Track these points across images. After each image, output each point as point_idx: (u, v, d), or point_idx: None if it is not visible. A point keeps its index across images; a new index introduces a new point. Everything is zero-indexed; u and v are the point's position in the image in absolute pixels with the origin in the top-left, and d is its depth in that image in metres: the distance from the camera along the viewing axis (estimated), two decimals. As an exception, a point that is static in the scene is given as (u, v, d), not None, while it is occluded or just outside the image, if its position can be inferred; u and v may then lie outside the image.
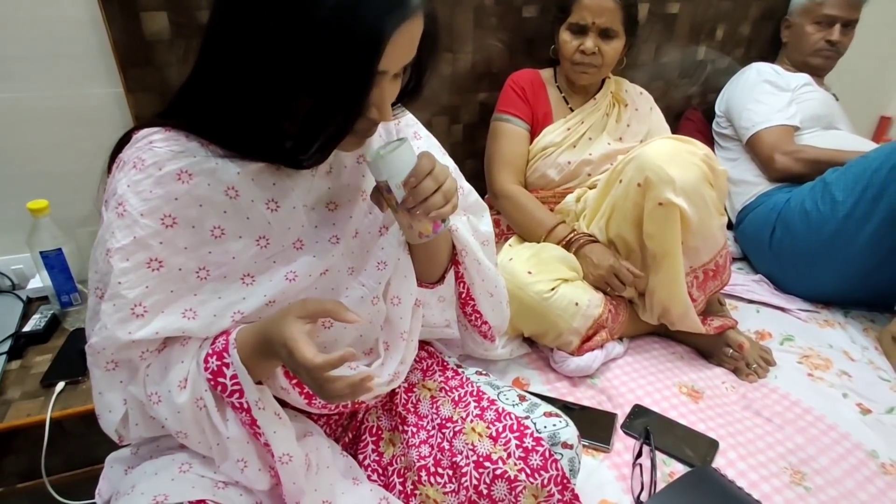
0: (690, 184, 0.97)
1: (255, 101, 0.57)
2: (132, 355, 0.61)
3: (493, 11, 1.35)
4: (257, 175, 0.62)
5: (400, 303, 0.74)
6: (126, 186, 0.57)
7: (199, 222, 0.61)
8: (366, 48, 0.52)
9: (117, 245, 0.57)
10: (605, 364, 1.10)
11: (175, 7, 1.11)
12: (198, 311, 0.61)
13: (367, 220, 0.73)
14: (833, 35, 1.52)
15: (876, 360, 1.16)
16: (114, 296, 0.57)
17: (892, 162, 1.16)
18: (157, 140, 0.59)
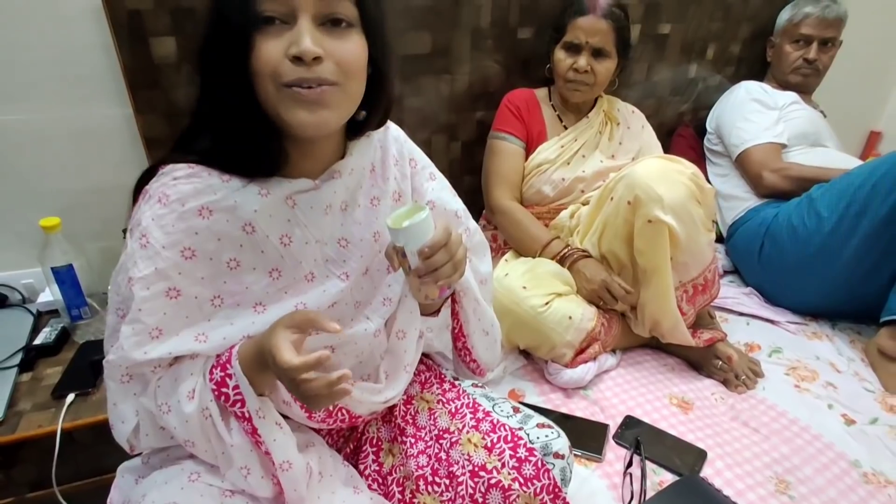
0: (678, 202, 1.01)
1: (229, 112, 0.60)
2: (145, 370, 0.65)
3: (489, 34, 1.40)
4: (274, 211, 0.66)
5: (405, 337, 0.78)
6: (150, 219, 0.61)
7: (216, 255, 0.65)
8: None
9: (139, 275, 0.61)
10: (598, 376, 1.13)
11: (182, 32, 1.15)
12: (209, 335, 0.65)
13: (378, 259, 0.76)
14: (810, 53, 1.57)
15: (861, 371, 1.19)
16: (133, 321, 0.61)
17: (873, 180, 1.20)
18: (182, 177, 0.63)
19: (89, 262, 1.22)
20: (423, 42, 1.34)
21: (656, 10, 1.54)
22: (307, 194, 0.68)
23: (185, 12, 1.14)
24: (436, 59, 1.37)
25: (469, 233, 0.87)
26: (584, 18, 1.22)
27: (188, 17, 1.14)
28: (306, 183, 0.68)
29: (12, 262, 1.28)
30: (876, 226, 1.19)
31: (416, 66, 1.36)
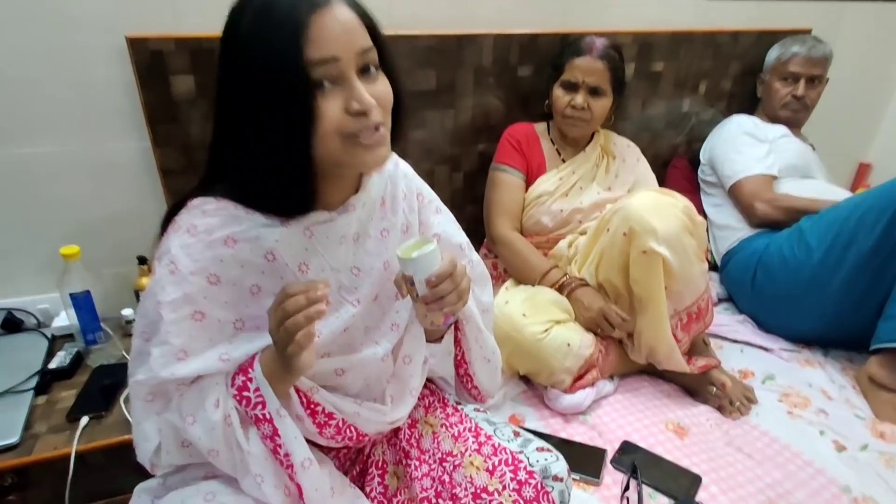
0: (672, 234, 1.06)
1: (251, 148, 0.63)
2: (169, 387, 0.69)
3: (491, 71, 1.47)
4: (293, 241, 0.71)
5: (411, 362, 0.82)
6: (179, 248, 0.66)
7: (239, 281, 0.69)
8: (288, 43, 0.57)
9: (168, 299, 0.65)
10: (596, 401, 1.17)
11: (201, 71, 1.22)
12: (231, 356, 0.69)
13: (387, 286, 0.81)
14: (798, 90, 1.64)
15: (853, 398, 1.22)
16: (162, 342, 0.66)
17: (859, 213, 1.25)
18: (210, 209, 0.68)
19: (104, 288, 1.27)
20: (428, 79, 1.41)
21: (649, 50, 1.61)
22: (324, 225, 0.73)
23: (205, 52, 1.20)
24: (440, 95, 1.44)
25: (472, 264, 0.92)
26: (580, 59, 1.29)
27: (207, 56, 1.21)
28: (324, 215, 0.73)
29: (30, 288, 1.32)
30: (863, 257, 1.24)
31: (422, 101, 1.43)
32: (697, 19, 1.69)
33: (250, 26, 0.59)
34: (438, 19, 1.39)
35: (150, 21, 1.18)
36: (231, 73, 0.63)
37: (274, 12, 0.58)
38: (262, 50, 0.58)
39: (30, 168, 1.22)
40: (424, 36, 1.36)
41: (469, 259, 0.91)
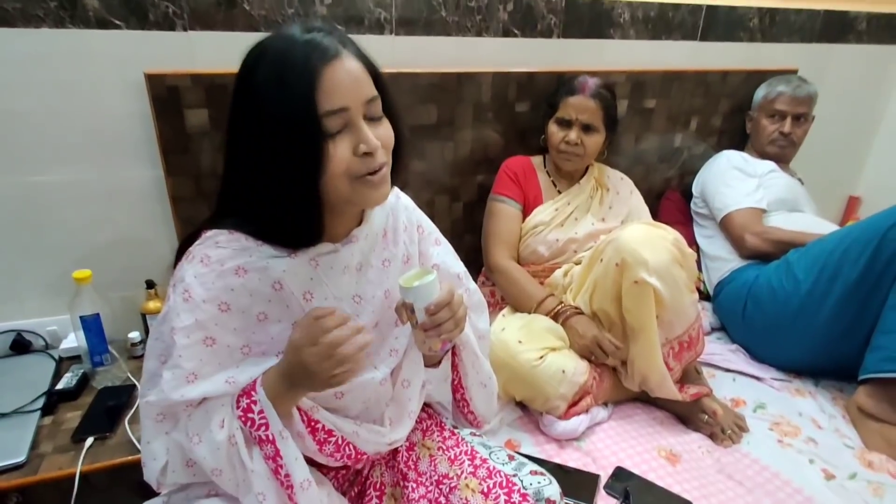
0: (662, 265, 1.10)
1: (261, 186, 0.68)
2: (178, 409, 0.72)
3: (489, 107, 1.54)
4: (299, 271, 0.75)
5: (409, 386, 0.86)
6: (193, 277, 0.71)
7: (248, 308, 0.73)
8: (302, 93, 0.63)
9: (181, 325, 0.70)
10: (590, 428, 1.19)
11: (215, 105, 1.28)
12: (237, 379, 0.73)
13: (387, 314, 0.85)
14: (785, 127, 1.71)
15: (842, 428, 1.24)
16: (174, 366, 0.70)
17: (843, 246, 1.30)
18: (222, 241, 0.73)
19: (112, 311, 1.30)
20: (429, 114, 1.48)
21: (642, 88, 1.69)
22: (329, 256, 0.78)
23: (218, 88, 1.27)
24: (440, 129, 1.50)
25: (469, 293, 0.96)
26: (574, 98, 1.35)
27: (220, 91, 1.27)
28: (328, 246, 0.77)
29: (39, 310, 1.35)
30: (848, 289, 1.28)
31: (423, 134, 1.49)
32: (688, 60, 1.77)
33: (266, 76, 0.64)
34: (439, 59, 1.46)
35: (167, 58, 1.24)
36: (245, 117, 0.67)
37: (289, 64, 0.64)
38: (278, 100, 0.63)
39: (46, 194, 1.27)
40: (426, 73, 1.43)
41: (466, 287, 0.95)
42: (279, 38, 0.66)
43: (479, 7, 1.47)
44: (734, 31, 1.80)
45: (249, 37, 1.29)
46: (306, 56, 0.64)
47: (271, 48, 0.66)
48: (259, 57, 0.66)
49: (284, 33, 0.66)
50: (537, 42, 1.56)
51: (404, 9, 1.40)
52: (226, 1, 1.26)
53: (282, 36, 0.66)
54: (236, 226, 0.74)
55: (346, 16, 1.36)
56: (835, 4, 1.91)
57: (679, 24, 1.71)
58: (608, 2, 1.59)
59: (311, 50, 0.64)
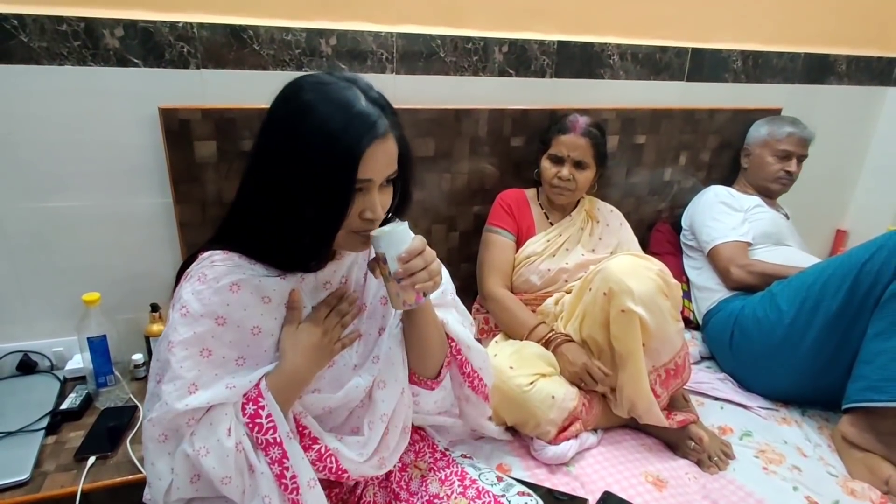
0: (647, 295, 1.15)
1: (275, 218, 0.76)
2: (181, 422, 0.76)
3: (486, 141, 1.61)
4: (286, 287, 0.82)
5: (385, 387, 0.89)
6: (190, 294, 0.77)
7: (242, 322, 0.79)
8: (346, 162, 0.71)
9: (179, 338, 0.75)
10: (579, 453, 1.22)
11: (223, 137, 1.35)
12: (237, 383, 0.78)
13: (368, 323, 0.92)
14: (791, 167, 1.78)
15: (827, 456, 1.27)
16: (174, 377, 0.74)
17: (824, 277, 1.35)
18: (218, 260, 0.80)
19: (118, 333, 1.34)
20: (427, 147, 1.55)
21: (632, 124, 1.76)
22: (313, 273, 0.86)
23: (227, 122, 1.34)
24: (438, 161, 1.57)
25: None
26: (566, 136, 1.43)
27: (230, 125, 1.34)
28: None
29: (46, 331, 1.40)
30: (829, 320, 1.32)
31: (421, 165, 1.55)
32: (676, 98, 1.85)
33: (316, 132, 0.71)
34: (438, 96, 1.54)
35: (180, 94, 1.32)
36: (282, 160, 0.73)
37: (341, 131, 0.71)
38: (324, 160, 0.71)
39: (61, 220, 1.33)
40: (425, 109, 1.51)
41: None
42: (333, 96, 0.73)
43: (476, 49, 1.55)
44: (719, 73, 1.89)
45: (258, 74, 1.39)
46: (359, 133, 0.72)
47: (324, 104, 0.72)
48: (309, 108, 0.72)
49: (340, 94, 0.73)
50: (531, 81, 1.64)
51: (405, 49, 1.49)
52: (237, 41, 1.34)
53: (337, 96, 0.73)
54: (232, 247, 0.81)
55: (349, 55, 1.45)
56: (815, 48, 2.00)
57: (667, 66, 1.80)
58: (598, 44, 1.68)
59: (366, 127, 0.72)
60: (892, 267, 1.24)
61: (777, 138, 1.79)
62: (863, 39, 2.08)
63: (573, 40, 1.65)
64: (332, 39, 1.43)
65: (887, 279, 1.25)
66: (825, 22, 1.99)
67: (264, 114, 0.77)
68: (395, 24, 1.48)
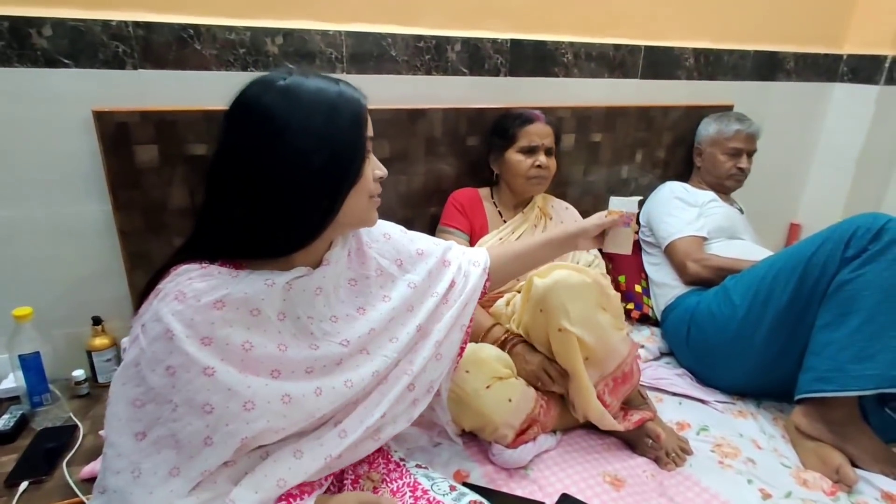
0: (583, 313, 1.12)
1: (275, 204, 0.76)
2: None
3: (442, 141, 1.59)
4: (274, 296, 0.80)
5: (352, 386, 0.88)
6: (170, 315, 0.72)
7: (230, 339, 0.76)
8: (356, 120, 0.79)
9: (177, 363, 0.71)
10: (538, 455, 1.20)
11: (165, 141, 1.30)
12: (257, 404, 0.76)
13: (357, 326, 0.91)
14: (742, 163, 1.81)
15: (781, 447, 1.29)
16: (189, 400, 0.72)
17: (774, 271, 1.37)
18: (196, 276, 0.75)
19: (54, 349, 1.28)
20: (382, 148, 1.52)
21: (587, 122, 1.77)
22: (301, 280, 0.84)
23: (169, 124, 1.29)
24: (394, 162, 1.54)
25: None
26: (534, 125, 1.45)
27: (172, 128, 1.29)
28: (301, 270, 0.84)
29: (-23, 350, 1.32)
30: (779, 312, 1.34)
31: (376, 168, 1.52)
32: (631, 96, 1.86)
33: (312, 114, 0.76)
34: (392, 96, 1.51)
35: (117, 96, 1.26)
36: (274, 148, 0.75)
37: (341, 103, 0.78)
38: (329, 132, 0.76)
39: (-12, 231, 1.25)
40: (379, 110, 1.47)
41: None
42: (311, 74, 0.79)
43: (428, 47, 1.53)
44: (672, 70, 1.91)
45: (201, 75, 1.34)
46: (355, 95, 0.81)
47: (309, 80, 0.78)
48: (298, 85, 0.77)
49: (314, 74, 0.79)
50: (486, 80, 1.63)
51: (355, 48, 1.45)
52: (177, 40, 1.29)
53: (313, 74, 0.79)
54: (211, 256, 0.78)
55: (297, 55, 1.41)
56: (764, 45, 2.04)
57: (620, 64, 1.81)
58: (552, 42, 1.68)
59: (355, 90, 0.81)
60: (838, 259, 1.27)
61: (726, 136, 1.82)
62: (809, 37, 2.13)
63: (527, 39, 1.64)
64: (279, 39, 1.38)
65: (833, 271, 1.27)
66: (773, 20, 2.03)
67: (213, 115, 0.78)
68: (344, 23, 1.44)
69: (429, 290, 1.03)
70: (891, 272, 1.21)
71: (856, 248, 1.24)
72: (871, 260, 1.23)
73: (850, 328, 1.23)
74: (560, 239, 1.14)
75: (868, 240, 1.24)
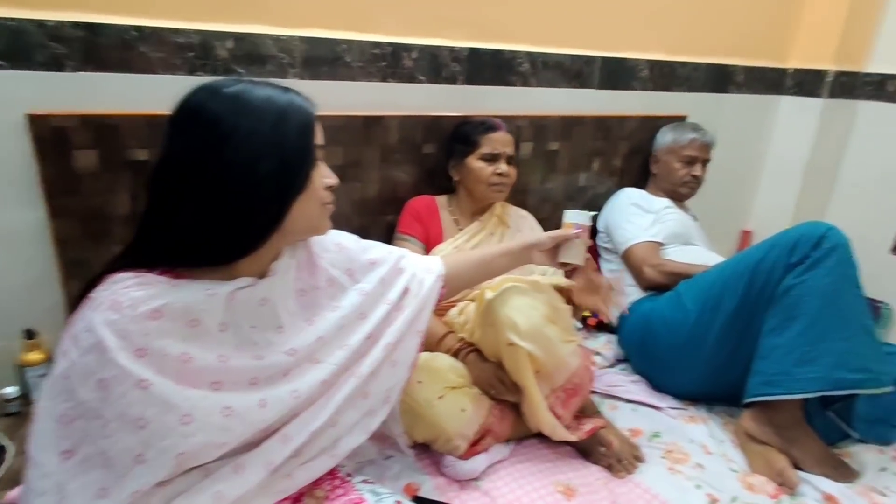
0: (532, 328, 1.12)
1: (221, 210, 0.74)
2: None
3: (397, 149, 1.57)
4: (216, 306, 0.77)
5: (299, 396, 0.85)
6: (103, 325, 0.68)
7: (166, 351, 0.72)
8: (305, 129, 0.78)
9: (110, 375, 0.67)
10: (491, 466, 1.19)
11: (106, 146, 1.24)
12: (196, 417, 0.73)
13: (308, 334, 0.89)
14: (696, 171, 1.85)
15: (729, 452, 1.31)
16: (121, 415, 0.68)
17: (724, 276, 1.40)
18: (132, 285, 0.71)
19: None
20: (336, 155, 1.49)
21: (545, 131, 1.78)
22: (246, 290, 0.81)
23: (110, 129, 1.24)
24: (348, 170, 1.52)
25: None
26: (497, 133, 1.47)
27: (113, 133, 1.24)
28: (245, 281, 0.81)
29: None
30: (729, 318, 1.37)
31: (330, 175, 1.50)
32: (587, 106, 1.88)
33: (261, 121, 0.74)
34: (346, 102, 1.49)
35: (54, 99, 1.20)
36: (221, 154, 0.73)
37: (290, 112, 0.77)
38: (278, 139, 0.75)
39: None
40: (332, 116, 1.45)
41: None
42: (258, 82, 0.78)
43: (384, 54, 1.52)
44: (628, 81, 1.94)
45: (146, 79, 1.29)
46: (304, 103, 0.80)
47: (257, 88, 0.77)
48: (246, 92, 0.75)
49: (260, 92, 0.77)
50: (443, 88, 1.62)
51: (309, 53, 1.43)
52: (119, 42, 1.24)
53: (259, 93, 0.76)
54: (151, 264, 0.74)
55: (248, 59, 1.37)
56: (716, 58, 2.11)
57: (577, 74, 1.83)
58: (509, 52, 1.69)
59: (307, 103, 0.81)
60: (783, 265, 1.30)
61: (681, 144, 1.86)
62: (757, 51, 2.20)
63: (484, 48, 1.65)
64: (229, 42, 1.35)
65: (779, 277, 1.31)
66: (724, 34, 2.09)
67: (157, 119, 0.77)
68: (298, 28, 1.42)
69: (381, 298, 1.01)
70: (831, 278, 1.26)
71: (799, 254, 1.28)
72: (813, 266, 1.27)
73: (794, 332, 1.27)
74: (516, 250, 1.14)
75: (810, 247, 1.28)
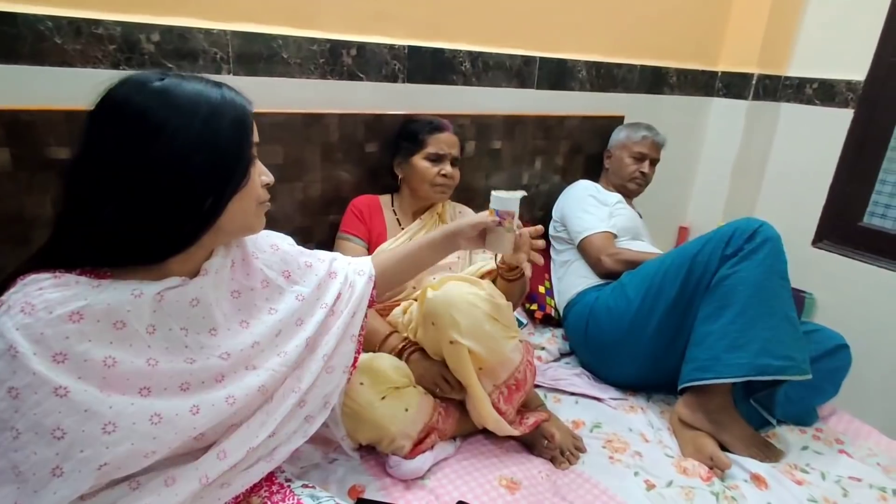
0: (473, 325, 1.12)
1: (148, 209, 0.71)
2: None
3: (339, 147, 1.55)
4: (143, 307, 0.73)
5: (234, 402, 0.82)
6: (15, 330, 0.63)
7: (89, 355, 0.68)
8: (242, 125, 0.77)
9: (22, 383, 0.63)
10: (437, 464, 1.19)
11: (19, 143, 1.16)
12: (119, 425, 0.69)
13: (241, 338, 0.86)
14: (644, 168, 1.91)
15: (665, 439, 1.36)
16: (36, 425, 0.64)
17: (665, 266, 1.45)
18: (48, 286, 0.67)
19: None
20: (275, 154, 1.45)
21: (487, 130, 1.80)
22: (175, 290, 0.78)
23: (24, 125, 1.16)
24: (288, 169, 1.48)
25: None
26: (443, 134, 1.46)
27: (27, 129, 1.16)
28: (174, 281, 0.78)
29: None
30: (668, 307, 1.42)
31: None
32: (528, 105, 1.91)
33: (191, 117, 0.72)
34: (284, 100, 1.45)
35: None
36: (149, 150, 0.70)
37: (225, 109, 0.75)
38: (215, 136, 0.73)
39: None
40: (270, 113, 1.41)
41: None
42: (185, 88, 0.73)
43: (322, 51, 1.49)
44: (567, 81, 1.99)
45: (63, 72, 1.22)
46: (239, 100, 0.78)
47: (188, 83, 0.74)
48: (176, 86, 0.73)
49: (190, 87, 0.74)
50: (383, 86, 1.61)
51: (242, 49, 1.38)
52: (31, 33, 1.16)
53: (189, 88, 0.74)
54: (70, 264, 0.70)
55: (177, 54, 1.31)
56: (650, 61, 2.19)
57: (517, 74, 1.86)
58: (449, 50, 1.69)
59: (238, 94, 0.79)
60: (718, 258, 1.37)
61: (634, 140, 1.92)
62: (689, 54, 2.30)
63: (424, 46, 1.65)
64: (155, 35, 1.29)
65: (714, 268, 1.37)
66: (658, 37, 2.18)
67: (78, 115, 0.72)
68: (231, 22, 1.37)
69: (318, 302, 0.99)
70: (761, 269, 1.33)
71: (734, 247, 1.35)
72: (746, 258, 1.34)
73: (725, 320, 1.33)
74: (439, 239, 1.10)
75: (744, 240, 1.35)
